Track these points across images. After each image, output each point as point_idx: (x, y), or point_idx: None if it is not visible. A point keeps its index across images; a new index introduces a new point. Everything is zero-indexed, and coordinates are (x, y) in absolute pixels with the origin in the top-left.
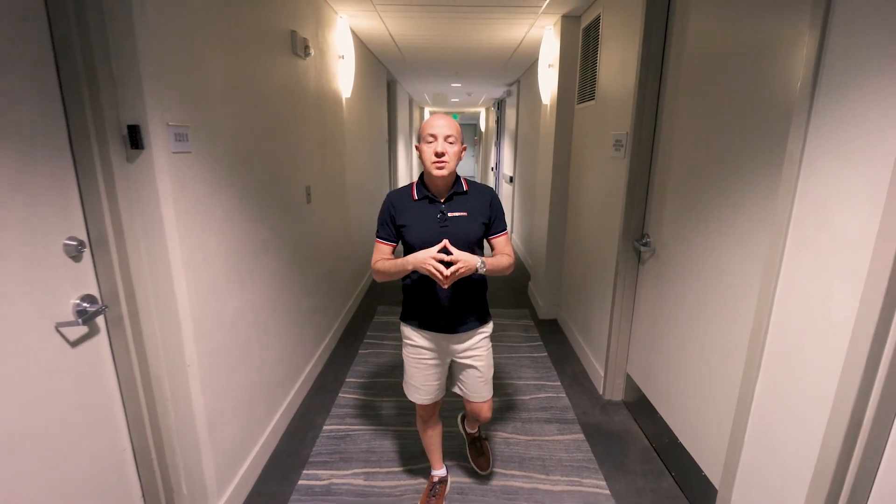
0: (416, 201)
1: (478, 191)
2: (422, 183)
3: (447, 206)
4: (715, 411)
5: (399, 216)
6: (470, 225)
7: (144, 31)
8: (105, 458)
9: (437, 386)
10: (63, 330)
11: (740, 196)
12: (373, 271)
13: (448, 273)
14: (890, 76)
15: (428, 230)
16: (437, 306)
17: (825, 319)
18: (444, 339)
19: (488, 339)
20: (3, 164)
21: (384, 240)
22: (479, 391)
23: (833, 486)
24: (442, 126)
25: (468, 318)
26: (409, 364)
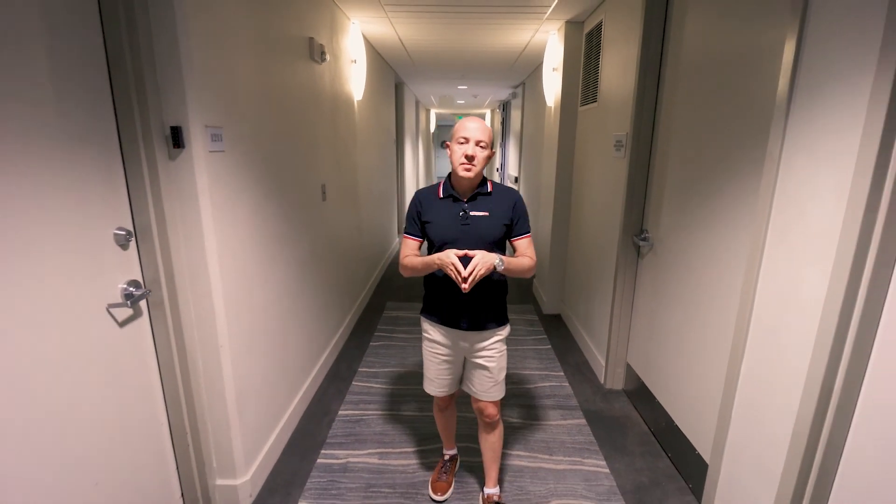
0: (442, 199)
1: (502, 192)
2: (448, 182)
3: (470, 206)
4: (708, 393)
5: (424, 213)
6: (491, 225)
7: (187, 44)
8: (146, 429)
9: (451, 380)
10: (113, 311)
11: (730, 192)
12: (400, 266)
13: (466, 274)
14: (850, 86)
15: (449, 227)
16: (455, 304)
17: (799, 301)
18: (459, 336)
19: (503, 342)
20: (62, 162)
21: (411, 235)
22: (488, 392)
23: (807, 449)
24: (474, 130)
25: (485, 318)
26: (426, 357)
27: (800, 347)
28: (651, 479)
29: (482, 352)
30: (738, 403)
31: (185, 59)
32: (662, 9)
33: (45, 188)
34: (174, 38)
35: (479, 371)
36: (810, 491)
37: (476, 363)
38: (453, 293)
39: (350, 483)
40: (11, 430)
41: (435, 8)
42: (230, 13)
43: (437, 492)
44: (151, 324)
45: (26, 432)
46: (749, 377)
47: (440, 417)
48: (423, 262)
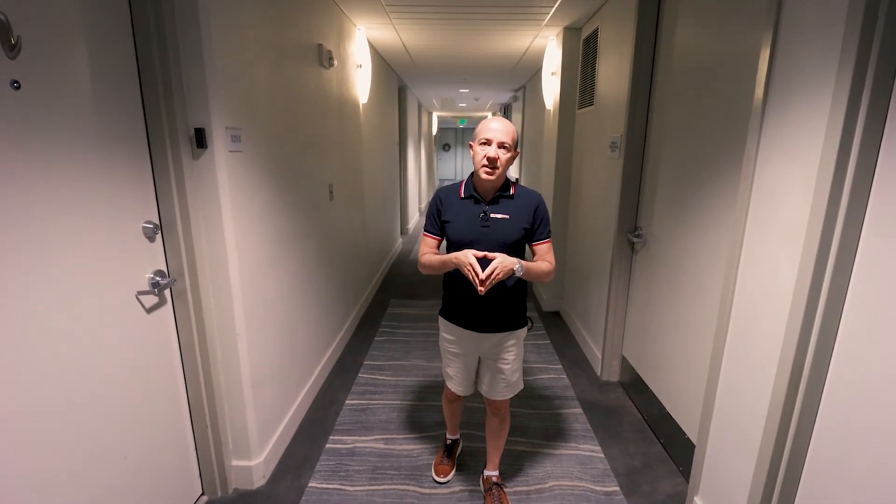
0: (463, 199)
1: (524, 196)
2: (471, 182)
3: (491, 208)
4: (696, 380)
5: (445, 212)
6: (510, 228)
7: (210, 52)
8: (168, 411)
9: (468, 378)
10: (141, 298)
11: (716, 189)
12: (419, 263)
13: (483, 276)
14: (815, 93)
15: (469, 228)
16: (473, 306)
17: (774, 285)
18: (475, 337)
19: (519, 345)
20: (98, 161)
21: (431, 233)
22: (500, 392)
23: (782, 424)
24: (497, 131)
25: (501, 320)
26: (444, 355)
27: (774, 329)
28: (643, 462)
29: (497, 354)
30: (721, 385)
31: (208, 66)
32: (654, 17)
33: (83, 185)
34: (199, 48)
35: (492, 372)
36: (785, 461)
37: (491, 364)
38: (471, 295)
39: (357, 466)
40: (55, 403)
41: (438, 14)
42: (248, 23)
43: (440, 474)
44: (174, 311)
45: (68, 406)
46: (731, 360)
47: (448, 407)
48: (441, 260)
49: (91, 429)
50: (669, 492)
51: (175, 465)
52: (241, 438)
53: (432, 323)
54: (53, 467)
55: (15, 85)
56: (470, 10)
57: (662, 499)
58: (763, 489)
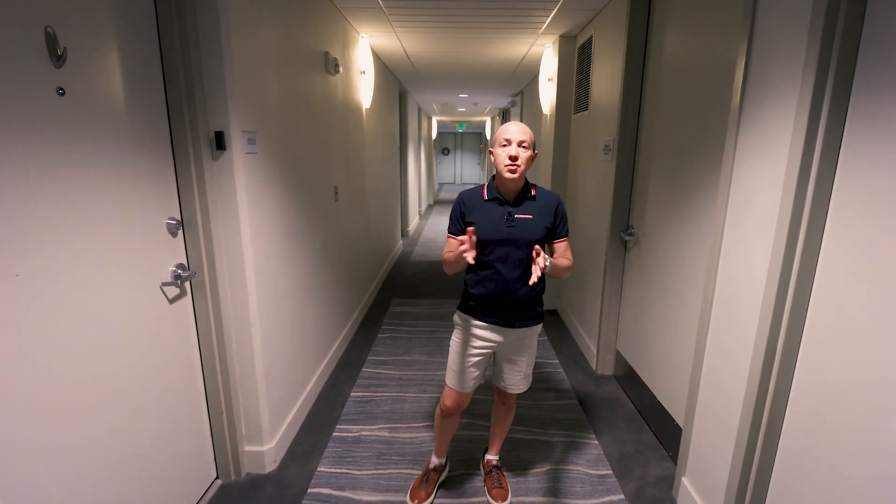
0: (487, 201)
1: (545, 197)
2: (493, 185)
3: (515, 209)
4: (685, 368)
5: (469, 214)
6: (534, 227)
7: (229, 61)
8: (186, 397)
9: (476, 375)
10: (165, 289)
11: (701, 188)
12: (443, 262)
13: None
14: (783, 100)
15: (495, 228)
16: (499, 300)
17: (750, 275)
18: (502, 331)
19: (536, 339)
20: (128, 163)
21: (454, 235)
22: (517, 385)
23: (758, 402)
24: (515, 132)
25: (525, 314)
26: (458, 352)
27: (749, 316)
28: (635, 448)
29: (518, 348)
30: (704, 372)
31: (227, 73)
32: (644, 27)
33: (115, 183)
34: (219, 57)
35: (510, 366)
36: (761, 439)
37: (510, 358)
38: (500, 291)
39: (363, 452)
40: (88, 382)
41: (438, 22)
42: (262, 33)
43: (415, 499)
44: (194, 303)
45: (99, 386)
46: (712, 347)
47: (442, 423)
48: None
49: (115, 410)
50: (659, 474)
51: (192, 449)
52: (254, 425)
53: (433, 321)
54: (82, 439)
55: (60, 91)
56: (469, 19)
57: (653, 481)
58: (742, 466)
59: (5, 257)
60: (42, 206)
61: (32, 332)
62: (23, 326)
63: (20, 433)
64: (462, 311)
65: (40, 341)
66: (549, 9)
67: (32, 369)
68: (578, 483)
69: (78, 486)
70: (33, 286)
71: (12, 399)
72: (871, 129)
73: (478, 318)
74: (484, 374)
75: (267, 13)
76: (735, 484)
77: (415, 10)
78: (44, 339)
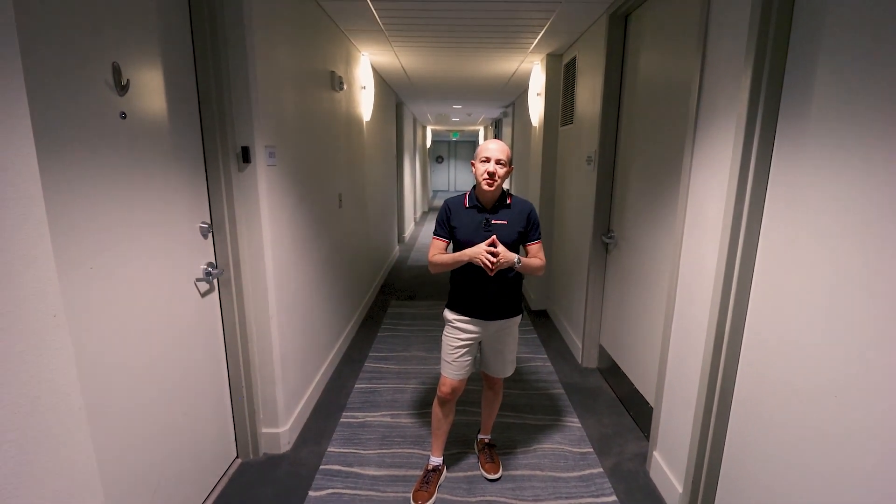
0: (468, 208)
1: (518, 204)
2: (473, 194)
3: (492, 216)
4: (657, 356)
5: (453, 218)
6: (508, 231)
7: (254, 86)
8: (213, 380)
9: (468, 364)
10: (198, 284)
11: (668, 196)
12: (430, 264)
13: (494, 260)
14: (726, 120)
15: (474, 232)
16: (481, 297)
17: (703, 270)
18: (481, 324)
19: (516, 329)
20: (169, 174)
21: (440, 237)
22: (504, 370)
23: (711, 378)
24: (494, 150)
25: (503, 307)
26: (448, 344)
27: (703, 304)
28: (614, 430)
29: (500, 338)
30: (671, 355)
31: (253, 96)
32: (620, 49)
33: (161, 191)
34: (246, 82)
35: (496, 354)
36: (715, 408)
37: (494, 347)
38: (479, 288)
39: (369, 435)
40: (136, 360)
41: (434, 42)
42: (278, 58)
43: (418, 501)
44: (220, 297)
45: (145, 365)
46: (676, 333)
47: (439, 411)
48: (453, 257)
49: (156, 390)
50: (635, 451)
51: (216, 431)
52: (271, 409)
53: (430, 321)
54: (129, 411)
55: (122, 115)
56: (463, 38)
57: (629, 457)
58: (700, 435)
59: (83, 252)
60: (108, 211)
61: (101, 313)
62: (92, 307)
63: (88, 393)
64: (449, 308)
65: (106, 322)
66: (536, 31)
67: (100, 345)
68: (562, 459)
69: (122, 452)
70: (102, 276)
71: (85, 365)
72: (793, 148)
73: (463, 314)
74: (474, 364)
75: (283, 39)
76: (695, 450)
77: (412, 30)
78: (109, 321)
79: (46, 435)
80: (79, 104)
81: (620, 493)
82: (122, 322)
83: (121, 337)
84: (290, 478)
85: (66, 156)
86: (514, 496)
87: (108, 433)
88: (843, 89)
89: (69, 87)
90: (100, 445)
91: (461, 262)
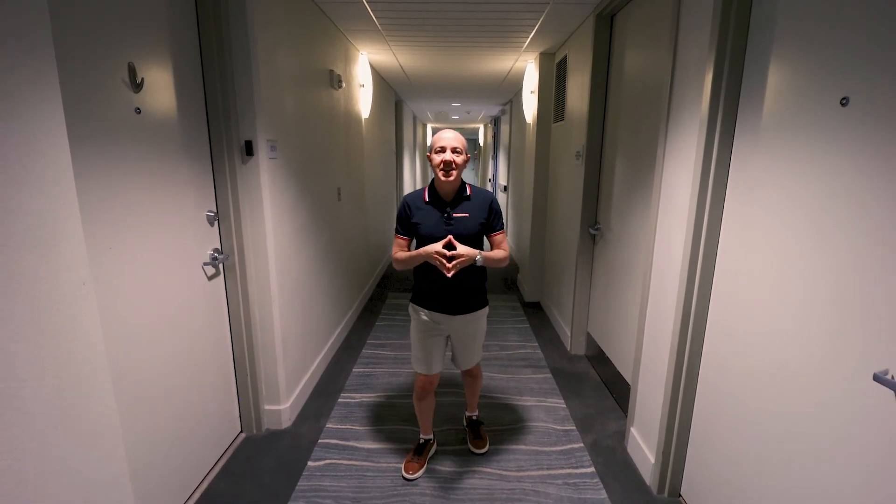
0: (427, 203)
1: (479, 195)
2: (432, 187)
3: (452, 209)
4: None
5: (413, 215)
6: (470, 223)
7: (257, 83)
8: (219, 359)
9: (437, 357)
10: (205, 268)
11: (647, 188)
12: (393, 260)
13: (450, 265)
14: (691, 118)
15: (436, 227)
16: (442, 291)
17: (672, 255)
18: (445, 318)
19: (483, 321)
20: (179, 166)
21: (401, 234)
22: (470, 361)
23: (678, 355)
24: (449, 139)
25: (467, 301)
26: (415, 339)
27: (673, 286)
28: (597, 411)
29: (467, 331)
30: (646, 335)
31: (255, 93)
32: (606, 49)
33: (172, 182)
34: (249, 80)
35: (463, 346)
36: (683, 385)
37: (461, 342)
38: (441, 283)
39: (365, 414)
40: (151, 335)
41: (430, 41)
42: (279, 57)
43: (409, 471)
44: (225, 280)
45: (157, 340)
46: (651, 315)
47: (419, 405)
48: (411, 255)
49: (170, 366)
50: (615, 429)
51: (221, 407)
52: (273, 387)
53: None
54: (144, 382)
55: (137, 111)
56: (458, 38)
57: (609, 434)
58: (669, 411)
59: (103, 234)
60: (125, 198)
61: (118, 289)
62: (111, 284)
63: (111, 358)
64: (413, 303)
65: (123, 298)
66: (527, 31)
67: (116, 317)
68: (546, 436)
69: (135, 417)
70: (119, 257)
71: (108, 337)
72: (750, 143)
73: (427, 308)
74: (444, 357)
75: (284, 39)
76: (665, 424)
77: (408, 30)
78: (125, 297)
79: (79, 382)
80: (99, 100)
81: (599, 465)
82: (135, 299)
83: (134, 312)
84: (290, 450)
85: (88, 147)
86: (498, 467)
87: (123, 396)
88: (791, 90)
89: (91, 84)
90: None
91: (419, 260)
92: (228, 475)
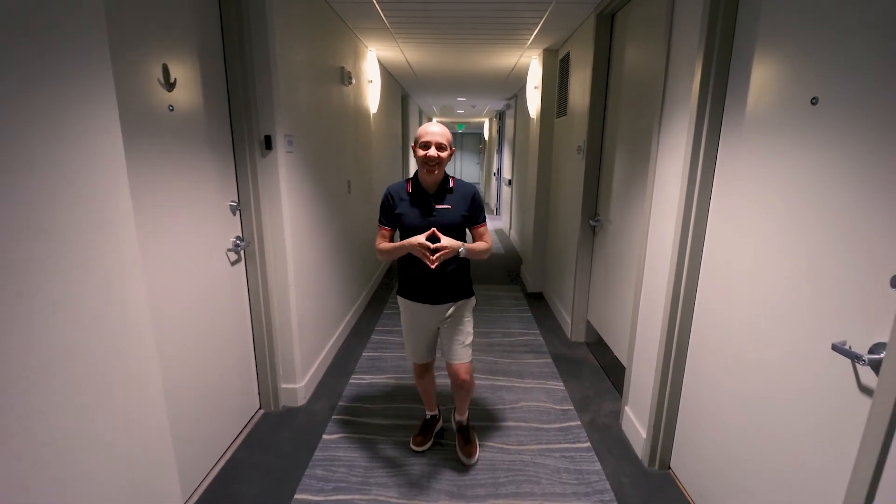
0: (410, 194)
1: (462, 188)
2: (416, 179)
3: (435, 200)
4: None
5: (396, 206)
6: (453, 215)
7: (277, 81)
8: (240, 339)
9: (427, 348)
10: (228, 254)
11: (643, 180)
12: (376, 251)
13: (434, 257)
14: (682, 115)
15: (419, 219)
16: (426, 282)
17: (664, 242)
18: (430, 309)
19: (470, 312)
20: (204, 160)
21: (384, 225)
22: (459, 354)
23: (668, 338)
24: (434, 133)
25: (451, 292)
26: (404, 329)
27: (663, 272)
28: (595, 393)
29: (453, 321)
30: (639, 319)
31: (275, 90)
32: (607, 46)
33: (199, 174)
34: (269, 78)
35: (450, 337)
36: (672, 364)
37: (447, 331)
38: (424, 274)
39: (376, 393)
40: (179, 312)
41: (437, 38)
42: (295, 56)
43: (416, 444)
44: (246, 266)
45: (186, 320)
46: (644, 299)
47: (419, 384)
48: (394, 246)
49: (195, 346)
50: (611, 409)
51: (241, 385)
52: (289, 366)
53: None
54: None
55: (170, 108)
56: (464, 35)
57: (605, 413)
58: (659, 389)
59: (142, 218)
60: (159, 188)
61: (153, 268)
62: (147, 263)
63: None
64: (399, 294)
65: (156, 276)
66: (531, 28)
67: (155, 298)
68: (545, 414)
69: (171, 400)
70: (155, 239)
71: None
72: (736, 138)
73: (412, 298)
74: (435, 346)
75: (298, 38)
76: (655, 401)
77: (415, 27)
78: (158, 275)
79: (133, 334)
80: (140, 99)
81: (595, 441)
82: (168, 281)
83: (167, 293)
84: (306, 425)
85: (134, 143)
86: (500, 441)
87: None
88: (769, 89)
89: (133, 84)
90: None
91: (401, 251)
92: (250, 446)
